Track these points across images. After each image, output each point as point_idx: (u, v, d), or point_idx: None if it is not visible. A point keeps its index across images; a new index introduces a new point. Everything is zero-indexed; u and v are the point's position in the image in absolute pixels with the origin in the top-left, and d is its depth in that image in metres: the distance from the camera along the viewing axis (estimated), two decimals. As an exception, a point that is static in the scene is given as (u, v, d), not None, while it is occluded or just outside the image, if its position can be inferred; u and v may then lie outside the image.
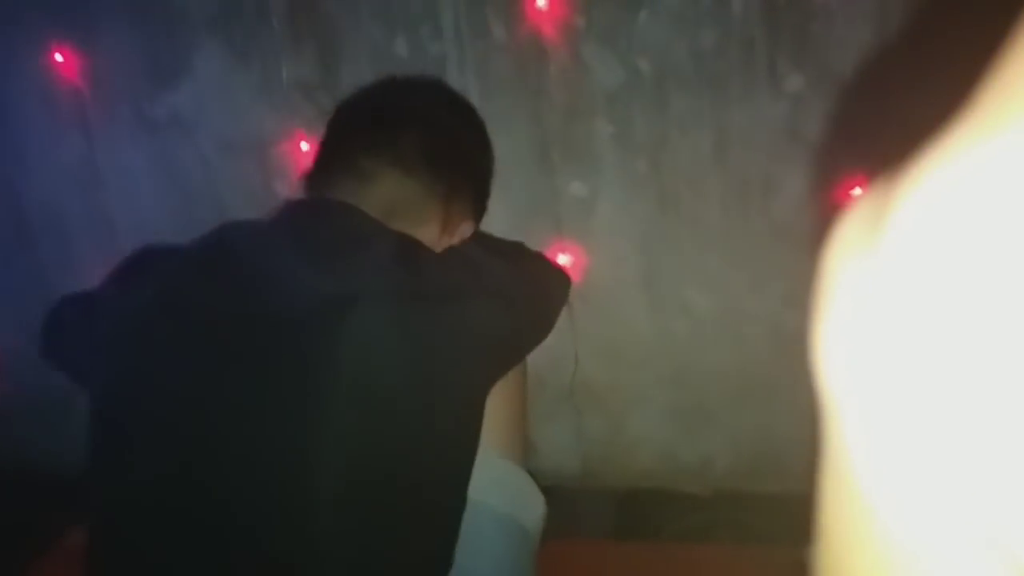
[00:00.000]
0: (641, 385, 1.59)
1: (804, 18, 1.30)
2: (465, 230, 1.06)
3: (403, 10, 1.41)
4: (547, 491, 1.71)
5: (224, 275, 0.85)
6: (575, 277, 1.49)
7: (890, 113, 1.31)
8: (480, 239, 1.11)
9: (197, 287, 0.85)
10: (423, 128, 1.02)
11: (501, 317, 0.95)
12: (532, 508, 1.02)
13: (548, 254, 1.32)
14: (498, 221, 1.51)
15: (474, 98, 1.44)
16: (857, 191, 1.35)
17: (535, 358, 1.16)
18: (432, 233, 1.00)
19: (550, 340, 1.20)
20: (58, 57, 1.53)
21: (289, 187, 1.56)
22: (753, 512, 1.59)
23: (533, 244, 1.50)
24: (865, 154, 1.32)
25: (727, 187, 1.42)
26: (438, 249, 1.00)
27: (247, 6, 1.46)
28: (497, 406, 0.94)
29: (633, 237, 1.49)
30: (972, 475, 0.19)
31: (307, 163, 1.07)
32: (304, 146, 1.51)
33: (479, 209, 1.11)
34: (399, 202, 0.97)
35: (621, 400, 1.62)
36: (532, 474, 1.52)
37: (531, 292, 1.07)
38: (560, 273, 1.22)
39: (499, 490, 0.95)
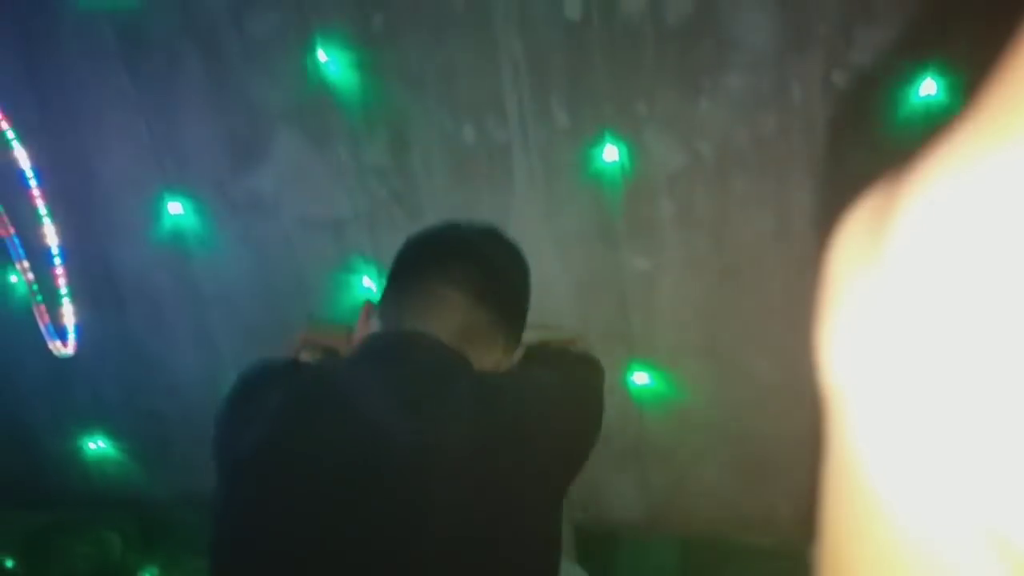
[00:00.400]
0: (703, 445, 1.65)
1: (860, 99, 1.32)
2: (519, 353, 1.14)
3: (470, 98, 1.47)
4: (613, 535, 1.79)
5: (328, 419, 0.93)
6: (642, 349, 1.56)
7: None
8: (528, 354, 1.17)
9: (304, 432, 0.93)
10: (488, 262, 1.09)
11: (569, 436, 1.02)
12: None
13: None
14: (566, 296, 1.58)
15: (539, 180, 1.50)
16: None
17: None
18: (497, 357, 1.07)
19: (615, 400, 1.26)
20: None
21: (364, 261, 1.65)
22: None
23: (597, 315, 1.57)
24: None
25: (788, 262, 1.45)
26: (500, 370, 1.07)
27: (323, 95, 1.53)
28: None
29: (693, 305, 1.54)
30: (975, 471, 0.19)
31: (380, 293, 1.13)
32: (385, 222, 1.60)
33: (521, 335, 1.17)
34: (471, 328, 1.03)
35: (684, 455, 1.68)
36: (599, 521, 1.60)
37: (581, 395, 1.13)
38: (593, 362, 1.27)
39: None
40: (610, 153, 1.44)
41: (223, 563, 0.95)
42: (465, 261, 1.07)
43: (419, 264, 1.09)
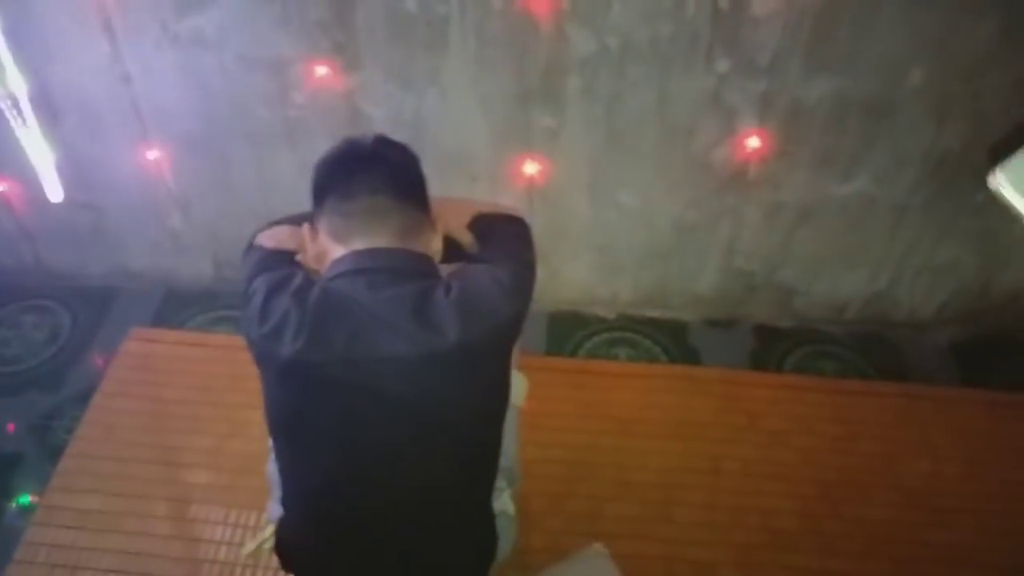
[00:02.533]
0: (574, 249, 2.14)
1: (737, 23, 1.67)
2: (467, 234, 1.37)
3: (416, -26, 1.65)
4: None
5: (351, 330, 1.15)
6: (541, 182, 1.96)
7: (778, 96, 1.79)
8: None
9: (332, 340, 1.15)
10: (394, 163, 1.26)
11: (512, 302, 1.26)
12: (519, 393, 1.55)
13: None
14: (484, 143, 1.91)
15: (471, 52, 1.75)
16: (752, 140, 1.85)
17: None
18: (434, 240, 1.29)
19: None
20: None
21: (302, 96, 1.85)
22: (643, 332, 2.28)
23: (508, 158, 1.93)
24: (762, 120, 1.81)
25: (661, 131, 1.87)
26: (438, 249, 1.29)
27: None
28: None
29: (585, 156, 1.93)
30: None
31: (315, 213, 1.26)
32: (323, 69, 1.79)
33: None
34: (407, 224, 1.23)
35: (559, 258, 2.17)
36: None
37: (519, 253, 1.36)
38: (519, 220, 1.45)
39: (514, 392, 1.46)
40: (533, 36, 1.71)
41: (284, 445, 1.27)
42: (379, 170, 1.24)
43: (343, 182, 1.24)
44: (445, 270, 1.28)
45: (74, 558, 1.78)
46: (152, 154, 1.99)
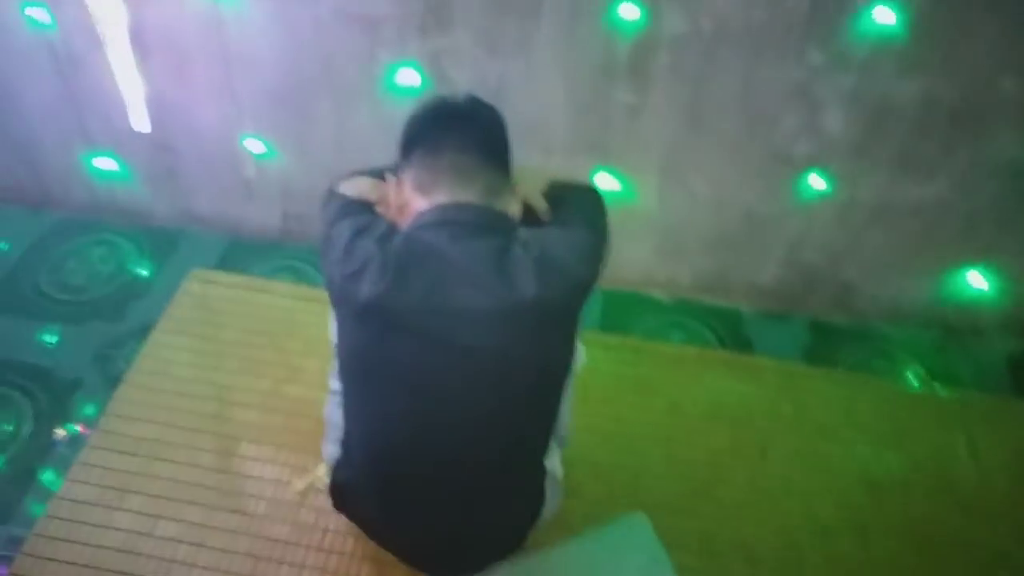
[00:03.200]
0: (638, 230, 2.15)
1: (837, 15, 1.66)
2: (541, 200, 1.40)
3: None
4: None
5: (432, 279, 1.18)
6: (615, 160, 1.97)
7: (867, 93, 1.78)
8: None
9: (413, 287, 1.18)
10: (483, 126, 1.30)
11: (587, 266, 1.30)
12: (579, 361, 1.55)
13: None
14: (564, 115, 1.92)
15: (562, 23, 1.75)
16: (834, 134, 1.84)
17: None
18: (512, 203, 1.33)
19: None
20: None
21: (389, 55, 1.87)
22: (698, 318, 2.29)
23: (587, 134, 1.94)
24: (847, 115, 1.80)
25: (743, 119, 1.86)
26: (516, 213, 1.33)
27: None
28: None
29: (662, 137, 1.94)
30: None
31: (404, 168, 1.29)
32: (415, 30, 1.80)
33: None
34: (491, 184, 1.27)
35: (622, 237, 2.18)
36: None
37: (595, 220, 1.39)
38: (594, 191, 1.47)
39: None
40: (629, 11, 1.71)
41: (352, 387, 1.30)
42: (470, 129, 1.28)
43: (433, 137, 1.27)
44: (522, 232, 1.30)
45: (124, 481, 1.82)
46: (235, 102, 2.02)
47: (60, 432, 1.88)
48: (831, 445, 2.02)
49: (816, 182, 1.96)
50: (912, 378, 2.20)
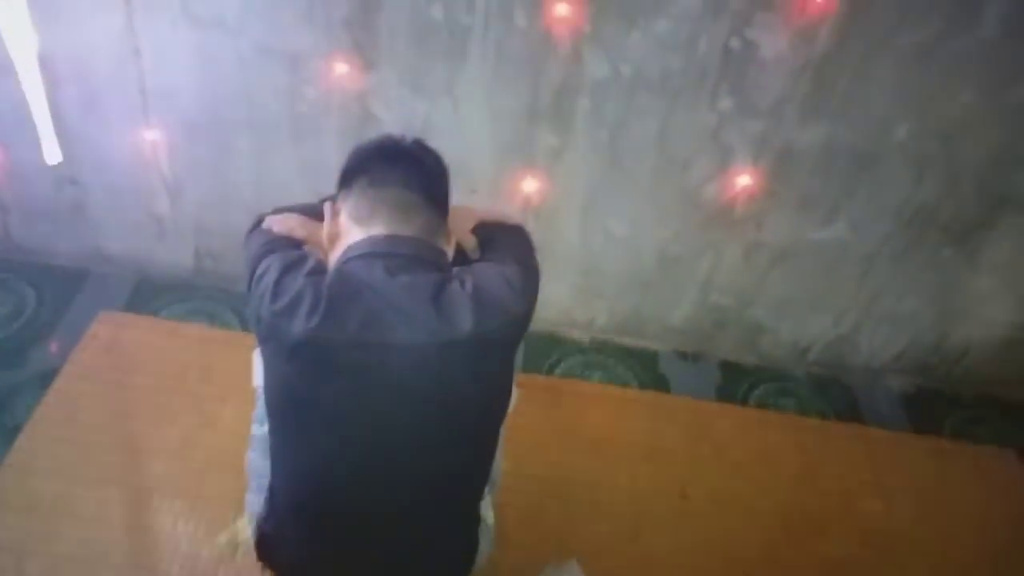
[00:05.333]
0: (558, 271, 2.19)
1: (745, 64, 1.77)
2: (471, 238, 1.41)
3: (446, -16, 1.69)
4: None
5: (366, 312, 1.15)
6: (537, 200, 2.01)
7: (773, 138, 1.88)
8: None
9: (345, 322, 1.14)
10: (428, 167, 1.31)
11: (522, 300, 1.29)
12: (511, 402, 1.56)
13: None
14: (488, 156, 1.95)
15: (488, 66, 1.80)
16: (743, 179, 1.94)
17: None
18: (449, 240, 1.33)
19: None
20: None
21: (314, 93, 1.87)
22: (616, 358, 2.33)
23: (510, 175, 1.98)
24: (755, 160, 1.90)
25: (659, 161, 1.94)
26: (451, 248, 1.34)
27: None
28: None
29: (583, 179, 1.99)
30: None
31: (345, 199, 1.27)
32: (341, 68, 1.81)
33: None
34: (430, 223, 1.27)
35: (543, 278, 2.21)
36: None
37: (525, 256, 1.40)
38: (520, 228, 1.48)
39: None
40: (550, 55, 1.77)
41: (281, 426, 1.25)
42: (416, 168, 1.29)
43: (379, 169, 1.28)
44: (456, 269, 1.29)
45: (23, 542, 1.70)
46: (149, 135, 1.97)
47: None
48: (748, 483, 2.07)
49: (723, 223, 2.06)
50: (818, 415, 2.29)
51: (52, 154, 1.88)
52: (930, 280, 2.13)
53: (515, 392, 1.46)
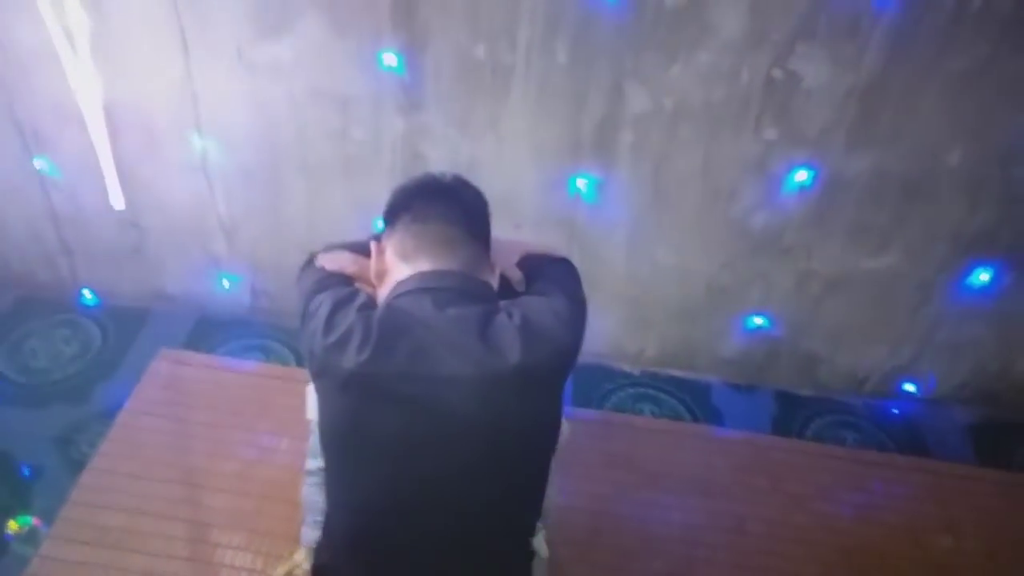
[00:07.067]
0: (606, 302, 2.19)
1: (788, 94, 1.76)
2: (516, 272, 1.42)
3: (489, 25, 1.73)
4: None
5: (417, 346, 1.18)
6: (581, 232, 2.02)
7: (820, 167, 1.86)
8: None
9: (397, 355, 1.17)
10: (469, 203, 1.34)
11: (570, 332, 1.35)
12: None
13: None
14: (532, 190, 1.97)
15: (531, 102, 1.83)
16: (791, 207, 1.92)
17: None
18: (493, 275, 1.36)
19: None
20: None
21: (363, 133, 1.92)
22: (667, 391, 2.31)
23: (554, 211, 1.99)
24: (803, 189, 1.88)
25: (704, 192, 1.94)
26: (496, 280, 1.36)
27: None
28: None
29: (627, 211, 2.00)
30: None
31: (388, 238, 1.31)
32: (389, 108, 1.86)
33: None
34: (473, 257, 1.30)
35: (590, 309, 2.21)
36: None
37: (572, 289, 1.47)
38: (566, 261, 1.50)
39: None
40: (592, 89, 1.79)
41: (336, 459, 1.27)
42: (457, 203, 1.32)
43: (421, 206, 1.31)
44: (502, 302, 1.30)
45: (91, 575, 1.75)
46: (206, 177, 2.04)
47: (13, 526, 1.80)
48: (807, 517, 2.02)
49: (772, 252, 2.03)
50: (878, 448, 2.22)
51: (117, 199, 1.97)
52: (991, 307, 2.07)
53: (565, 426, 1.46)
